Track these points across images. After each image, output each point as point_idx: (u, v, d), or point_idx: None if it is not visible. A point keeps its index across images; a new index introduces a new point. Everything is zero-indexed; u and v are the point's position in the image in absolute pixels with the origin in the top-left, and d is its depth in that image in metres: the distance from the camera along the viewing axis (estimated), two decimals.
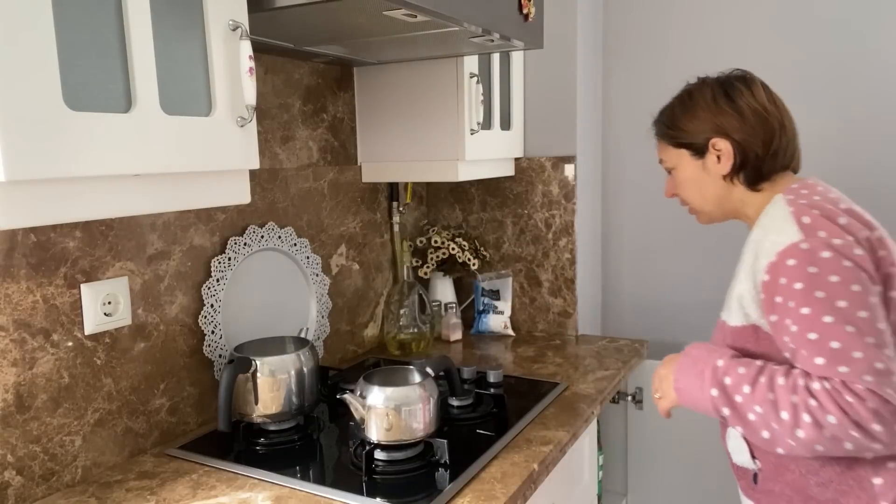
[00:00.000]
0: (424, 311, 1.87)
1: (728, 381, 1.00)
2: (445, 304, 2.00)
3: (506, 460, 1.20)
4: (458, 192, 2.08)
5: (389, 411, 1.15)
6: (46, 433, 1.11)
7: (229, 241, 1.42)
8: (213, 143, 0.95)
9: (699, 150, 1.15)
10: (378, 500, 1.07)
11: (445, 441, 1.18)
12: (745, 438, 1.09)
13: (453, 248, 1.98)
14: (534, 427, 1.33)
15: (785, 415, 0.93)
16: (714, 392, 1.01)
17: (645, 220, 2.08)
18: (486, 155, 1.75)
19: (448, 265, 2.03)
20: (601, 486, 1.39)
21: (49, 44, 0.74)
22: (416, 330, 1.85)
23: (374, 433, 1.16)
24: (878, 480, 0.98)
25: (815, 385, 0.92)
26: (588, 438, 1.53)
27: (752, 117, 1.11)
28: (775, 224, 1.02)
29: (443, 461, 1.17)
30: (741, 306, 1.06)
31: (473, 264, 1.98)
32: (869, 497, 0.99)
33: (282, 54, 1.50)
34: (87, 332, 1.16)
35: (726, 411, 1.00)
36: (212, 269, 1.38)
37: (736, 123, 1.12)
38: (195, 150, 0.92)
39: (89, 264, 1.16)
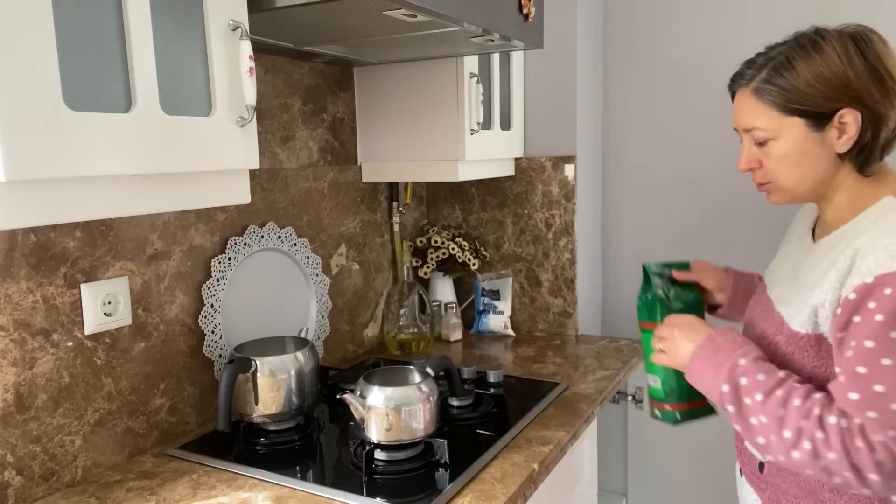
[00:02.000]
0: (424, 311, 1.87)
1: (744, 381, 0.96)
2: (445, 304, 2.00)
3: (506, 460, 1.20)
4: (458, 192, 2.08)
5: (389, 411, 1.15)
6: (46, 433, 1.11)
7: (229, 241, 1.42)
8: (213, 143, 0.95)
9: (820, 121, 0.95)
10: (378, 500, 1.07)
11: (445, 441, 1.18)
12: None
13: (453, 248, 1.98)
14: (534, 427, 1.33)
15: (788, 434, 0.91)
16: (725, 388, 0.98)
17: (645, 220, 2.08)
18: (486, 155, 1.75)
19: (448, 265, 2.03)
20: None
21: (49, 44, 0.74)
22: (416, 330, 1.85)
23: (374, 433, 1.16)
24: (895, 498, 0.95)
25: (831, 419, 0.89)
26: (588, 438, 1.53)
27: (892, 84, 0.94)
28: (887, 241, 0.88)
29: (443, 461, 1.17)
30: (814, 314, 0.96)
31: (473, 264, 1.98)
32: None
33: (282, 54, 1.50)
34: (87, 332, 1.16)
35: (731, 409, 0.97)
36: (212, 269, 1.38)
37: (874, 91, 0.93)
38: (195, 150, 0.92)
39: (89, 264, 1.16)
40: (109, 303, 1.19)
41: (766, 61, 0.99)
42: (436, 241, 2.00)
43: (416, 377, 1.25)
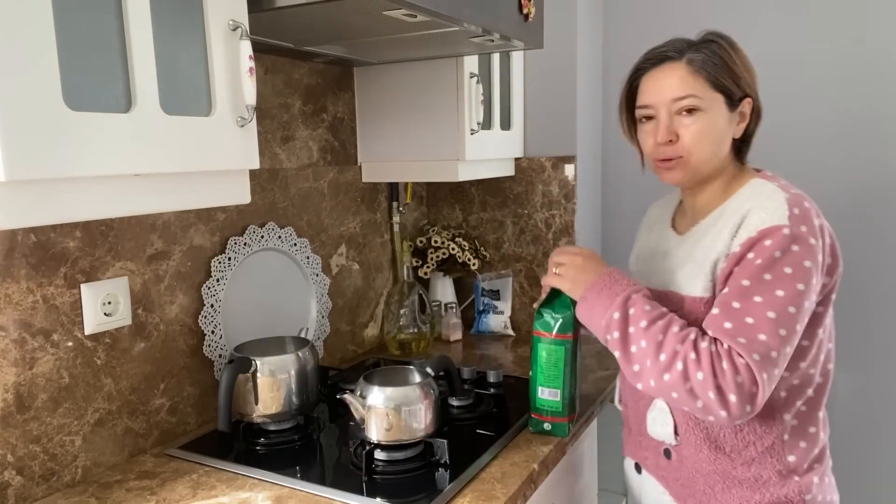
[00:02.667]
0: (424, 311, 1.87)
1: (632, 311, 1.04)
2: (445, 304, 2.00)
3: (506, 460, 1.20)
4: (458, 192, 2.08)
5: (389, 411, 1.15)
6: (46, 433, 1.11)
7: (229, 241, 1.42)
8: (214, 143, 0.95)
9: (733, 103, 1.08)
10: (378, 500, 1.07)
11: (445, 441, 1.18)
12: (672, 412, 1.11)
13: (453, 248, 1.98)
14: None
15: (663, 356, 0.98)
16: (616, 315, 1.04)
17: None
18: (486, 155, 1.75)
19: (448, 265, 2.03)
20: None
21: (49, 44, 0.74)
22: (416, 330, 1.85)
23: (374, 433, 1.16)
24: (792, 458, 1.06)
25: (703, 343, 0.97)
26: (588, 438, 1.52)
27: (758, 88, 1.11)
28: (769, 204, 1.01)
29: (443, 461, 1.17)
30: (713, 271, 1.05)
31: (473, 264, 1.98)
32: (788, 472, 1.06)
33: (282, 54, 1.50)
34: (87, 332, 1.16)
35: (615, 335, 1.04)
36: (212, 269, 1.38)
37: (756, 89, 1.10)
38: (195, 150, 0.92)
39: (89, 264, 1.16)
40: (109, 303, 1.19)
41: (688, 43, 1.09)
42: (436, 241, 2.00)
43: (416, 377, 1.25)
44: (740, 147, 1.13)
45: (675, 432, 1.12)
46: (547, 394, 1.23)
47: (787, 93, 1.83)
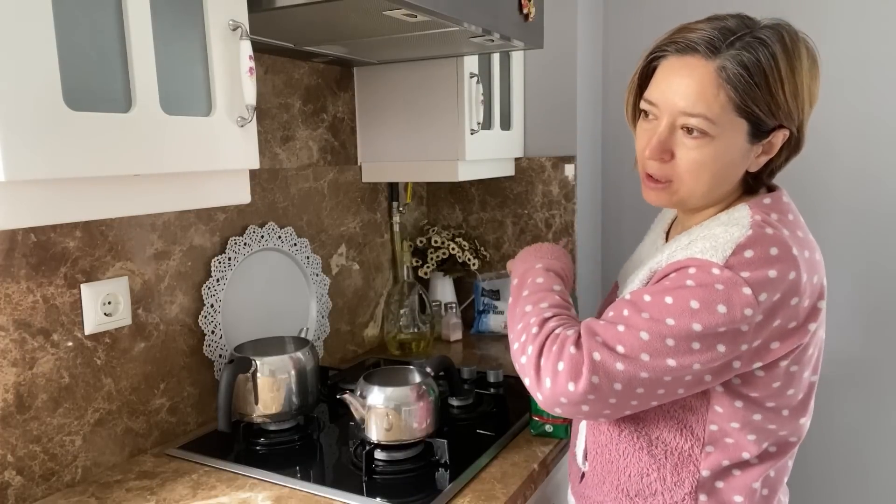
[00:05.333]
0: (424, 311, 1.87)
1: (529, 280, 1.02)
2: (445, 304, 2.00)
3: (506, 460, 1.20)
4: (458, 192, 2.08)
5: (389, 411, 1.15)
6: (46, 433, 1.11)
7: (229, 241, 1.42)
8: (213, 143, 0.95)
9: (759, 134, 0.86)
10: (378, 500, 1.07)
11: (445, 441, 1.18)
12: (586, 438, 1.04)
13: (453, 248, 1.98)
14: None
15: (519, 327, 0.95)
16: (515, 281, 1.05)
17: (645, 220, 2.08)
18: (486, 155, 1.75)
19: (448, 265, 2.03)
20: None
21: (49, 44, 0.74)
22: (416, 330, 1.85)
23: (374, 433, 1.16)
24: (706, 472, 0.91)
25: (553, 323, 0.92)
26: None
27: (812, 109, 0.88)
28: (720, 236, 0.85)
29: (443, 461, 1.17)
30: (643, 283, 0.94)
31: (473, 264, 1.98)
32: (696, 486, 0.92)
33: (282, 54, 1.50)
34: (87, 332, 1.16)
35: (510, 300, 1.03)
36: (212, 269, 1.38)
37: (807, 114, 0.87)
38: (195, 149, 0.92)
39: (89, 264, 1.16)
40: (109, 303, 1.19)
41: (731, 36, 0.82)
42: (436, 241, 2.00)
43: (416, 377, 1.25)
44: (754, 179, 0.93)
45: (585, 457, 1.03)
46: None
47: None
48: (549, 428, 1.26)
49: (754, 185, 0.93)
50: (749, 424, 0.89)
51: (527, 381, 0.92)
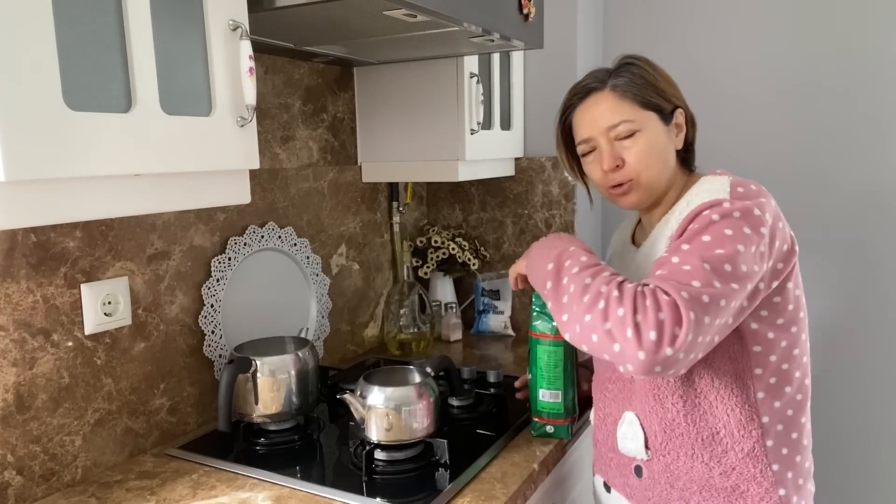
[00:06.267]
0: (424, 311, 1.87)
1: (567, 263, 1.01)
2: (445, 304, 2.00)
3: (506, 460, 1.20)
4: (458, 192, 2.08)
5: (389, 411, 1.15)
6: (46, 433, 1.11)
7: (229, 241, 1.42)
8: (213, 143, 0.95)
9: (666, 117, 1.09)
10: (378, 500, 1.07)
11: (445, 441, 1.18)
12: (642, 424, 1.08)
13: (453, 248, 1.98)
14: None
15: (587, 298, 0.93)
16: (549, 266, 1.03)
17: None
18: (486, 155, 1.75)
19: (448, 265, 2.03)
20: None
21: (49, 44, 0.74)
22: (416, 330, 1.85)
23: (374, 433, 1.16)
24: (776, 467, 1.02)
25: (630, 284, 0.92)
26: (588, 438, 1.52)
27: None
28: (712, 186, 1.02)
29: (443, 461, 1.17)
30: None
31: (473, 264, 1.98)
32: (770, 484, 1.02)
33: (282, 54, 1.50)
34: (87, 332, 1.16)
35: (549, 285, 1.02)
36: (212, 269, 1.38)
37: (683, 99, 1.13)
38: (195, 150, 0.92)
39: (89, 264, 1.16)
40: (109, 303, 1.19)
41: (607, 72, 1.11)
42: (436, 241, 2.00)
43: (416, 377, 1.25)
44: (685, 156, 1.14)
45: (646, 446, 1.08)
46: (548, 396, 1.23)
47: (793, 93, 1.83)
48: (549, 429, 1.26)
49: (686, 161, 1.14)
50: (782, 355, 1.02)
51: (616, 347, 0.88)
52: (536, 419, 1.27)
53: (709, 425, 1.03)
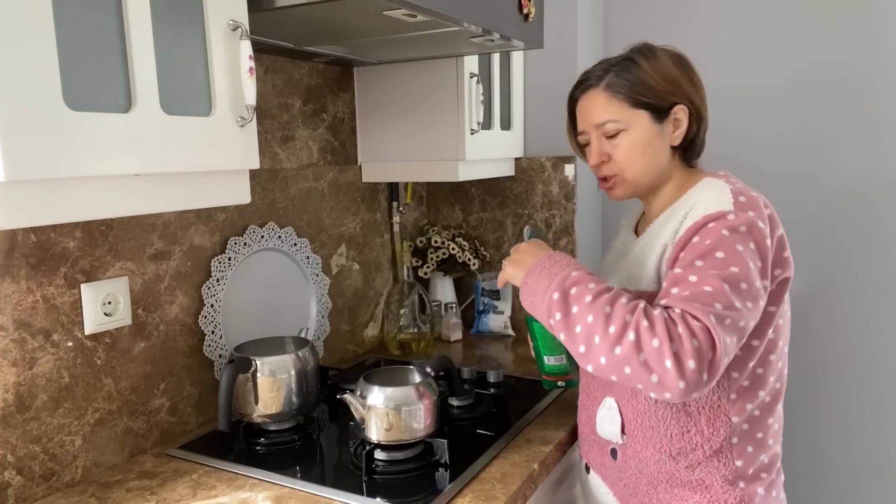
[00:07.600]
0: (424, 311, 1.87)
1: (574, 290, 0.97)
2: (445, 304, 2.00)
3: (506, 460, 1.20)
4: (458, 192, 2.08)
5: (389, 411, 1.15)
6: (46, 433, 1.11)
7: (229, 241, 1.42)
8: (213, 143, 0.95)
9: (660, 115, 1.10)
10: (378, 500, 1.07)
11: (445, 441, 1.18)
12: (620, 409, 1.11)
13: (453, 248, 1.98)
14: (534, 427, 1.33)
15: (613, 329, 0.90)
16: (555, 296, 0.97)
17: None
18: (486, 155, 1.75)
19: (448, 265, 2.03)
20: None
21: (49, 44, 0.74)
22: (416, 330, 1.85)
23: (374, 433, 1.16)
24: (739, 462, 1.05)
25: (656, 311, 0.91)
26: None
27: (703, 91, 1.13)
28: (714, 194, 1.02)
29: (443, 461, 1.17)
30: (658, 264, 1.05)
31: (473, 264, 1.98)
32: (733, 477, 1.05)
33: (282, 54, 1.50)
34: (87, 332, 1.16)
35: (558, 316, 0.97)
36: (212, 269, 1.38)
37: (696, 93, 1.11)
38: (195, 150, 0.92)
39: (89, 264, 1.16)
40: (109, 303, 1.19)
41: (608, 67, 1.12)
42: (436, 241, 2.00)
43: (416, 377, 1.25)
44: (686, 151, 1.14)
45: (623, 431, 1.11)
46: (554, 360, 1.24)
47: (789, 91, 1.83)
48: (561, 384, 1.28)
49: (686, 156, 1.14)
50: (759, 361, 1.04)
51: (654, 378, 0.87)
52: (547, 377, 1.28)
53: (679, 423, 1.06)
